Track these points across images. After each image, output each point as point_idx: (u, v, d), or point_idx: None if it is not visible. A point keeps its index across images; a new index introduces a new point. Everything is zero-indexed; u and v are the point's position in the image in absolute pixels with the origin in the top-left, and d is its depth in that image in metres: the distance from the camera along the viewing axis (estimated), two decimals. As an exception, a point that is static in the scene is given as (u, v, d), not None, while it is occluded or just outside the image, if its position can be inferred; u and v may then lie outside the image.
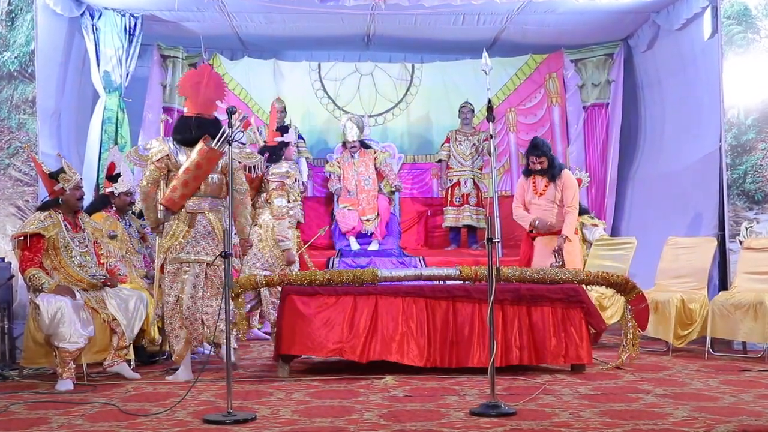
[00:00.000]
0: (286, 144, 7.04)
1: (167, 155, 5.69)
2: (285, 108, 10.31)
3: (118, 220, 6.69)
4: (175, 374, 5.74)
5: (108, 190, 6.77)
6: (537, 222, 7.29)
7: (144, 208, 5.88)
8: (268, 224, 7.24)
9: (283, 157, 7.25)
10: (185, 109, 6.04)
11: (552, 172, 7.30)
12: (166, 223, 5.74)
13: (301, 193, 9.79)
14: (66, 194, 5.79)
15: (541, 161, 7.31)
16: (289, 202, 7.30)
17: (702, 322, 6.72)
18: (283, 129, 7.14)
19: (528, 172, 7.48)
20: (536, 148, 7.36)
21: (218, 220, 5.71)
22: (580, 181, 8.89)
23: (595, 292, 6.99)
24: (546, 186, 7.33)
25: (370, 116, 10.99)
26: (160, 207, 5.78)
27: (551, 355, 5.82)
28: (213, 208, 5.75)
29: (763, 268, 6.81)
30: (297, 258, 7.36)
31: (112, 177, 6.77)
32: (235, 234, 5.78)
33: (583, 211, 8.00)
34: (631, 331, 6.06)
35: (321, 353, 5.87)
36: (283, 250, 7.06)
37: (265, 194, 7.29)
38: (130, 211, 7.03)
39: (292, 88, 10.99)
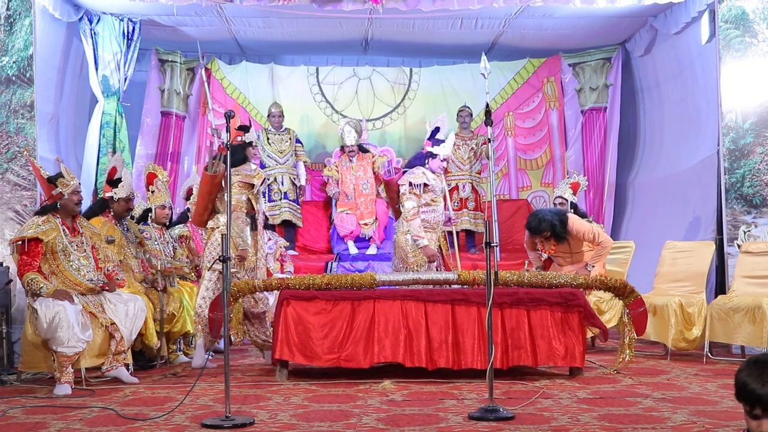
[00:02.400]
0: (249, 143, 6.94)
1: None
2: (282, 112, 10.32)
3: (116, 225, 6.68)
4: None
5: (107, 194, 6.75)
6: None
7: None
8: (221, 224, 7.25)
9: (247, 157, 7.11)
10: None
11: (558, 240, 7.31)
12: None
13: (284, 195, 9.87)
14: (64, 199, 5.79)
15: (546, 236, 7.33)
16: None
17: (701, 326, 6.72)
18: (244, 128, 7.01)
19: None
20: (535, 232, 7.36)
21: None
22: (577, 185, 8.90)
23: (593, 296, 7.00)
24: (554, 246, 7.37)
25: (368, 120, 11.00)
26: None
27: (550, 357, 5.81)
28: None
29: (762, 272, 6.82)
30: (435, 252, 7.17)
31: (113, 182, 6.75)
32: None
33: (581, 215, 8.00)
34: (627, 334, 6.06)
35: (319, 358, 5.85)
36: (421, 247, 6.96)
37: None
38: (128, 216, 7.01)
39: (290, 93, 11.01)
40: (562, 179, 9.90)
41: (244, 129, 7.01)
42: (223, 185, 6.70)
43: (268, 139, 10.15)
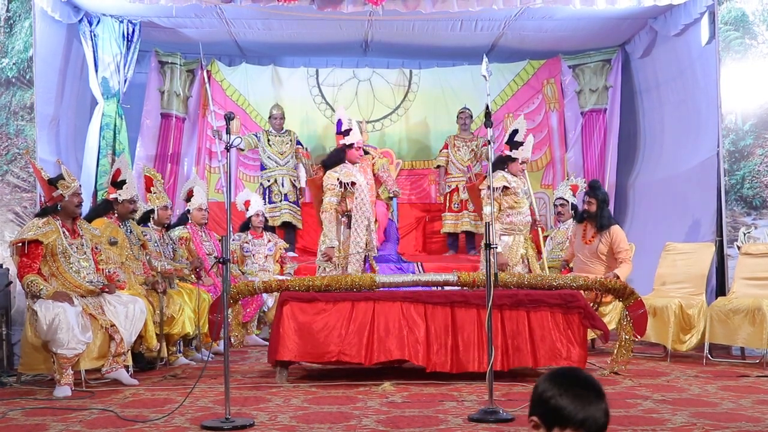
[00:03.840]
0: (350, 145, 7.38)
1: None
2: (283, 114, 10.33)
3: (119, 226, 6.69)
4: None
5: (111, 196, 6.76)
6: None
7: None
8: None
9: (343, 158, 7.56)
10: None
11: (600, 222, 7.28)
12: None
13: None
14: (65, 201, 5.79)
15: (591, 202, 7.35)
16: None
17: (700, 327, 6.72)
18: (345, 132, 7.39)
19: (580, 219, 7.55)
20: (592, 188, 7.46)
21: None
22: (576, 188, 8.91)
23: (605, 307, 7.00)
24: (593, 236, 7.35)
25: (368, 122, 11.00)
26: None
27: (550, 359, 5.81)
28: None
29: (761, 274, 6.82)
30: (506, 261, 7.12)
31: (117, 183, 6.76)
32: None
33: (580, 216, 8.00)
34: (625, 336, 6.06)
35: (320, 359, 5.87)
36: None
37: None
38: (132, 218, 7.01)
39: (290, 94, 11.02)
40: (562, 181, 9.91)
41: (345, 133, 7.30)
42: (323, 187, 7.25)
43: (268, 140, 10.15)
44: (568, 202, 8.84)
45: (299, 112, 11.04)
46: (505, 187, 7.05)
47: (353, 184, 7.23)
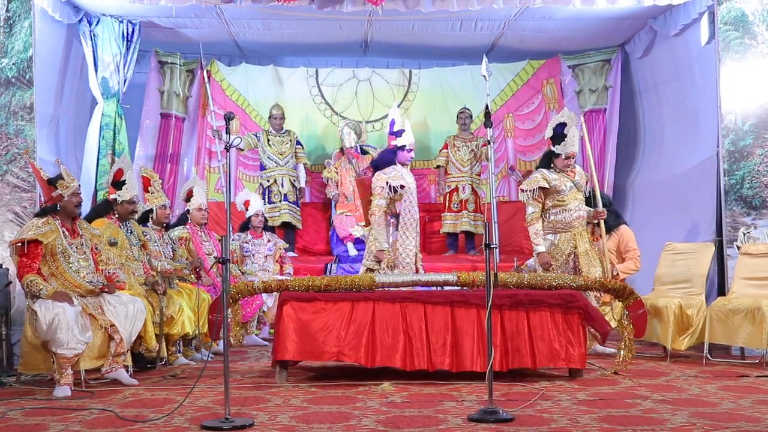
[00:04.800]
0: (402, 147, 7.18)
1: None
2: (283, 114, 10.33)
3: (119, 227, 6.68)
4: None
5: (112, 196, 6.75)
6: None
7: None
8: None
9: (394, 160, 7.35)
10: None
11: (606, 225, 7.19)
12: None
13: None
14: (64, 201, 5.79)
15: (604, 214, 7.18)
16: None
17: (700, 327, 6.72)
18: (398, 132, 7.23)
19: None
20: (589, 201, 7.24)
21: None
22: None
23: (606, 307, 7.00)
24: (600, 236, 7.24)
25: (367, 122, 11.01)
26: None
27: (549, 359, 5.81)
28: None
29: (761, 274, 6.82)
30: (549, 260, 6.84)
31: (117, 183, 6.75)
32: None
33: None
34: (626, 336, 6.06)
35: (319, 358, 5.87)
36: (537, 254, 6.83)
37: None
38: (132, 218, 7.00)
39: (290, 94, 11.02)
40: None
41: (397, 134, 7.14)
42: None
43: (268, 140, 10.16)
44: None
45: (299, 112, 11.06)
46: (542, 188, 6.81)
47: (402, 187, 7.07)
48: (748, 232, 7.54)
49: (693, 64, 8.53)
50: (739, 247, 7.29)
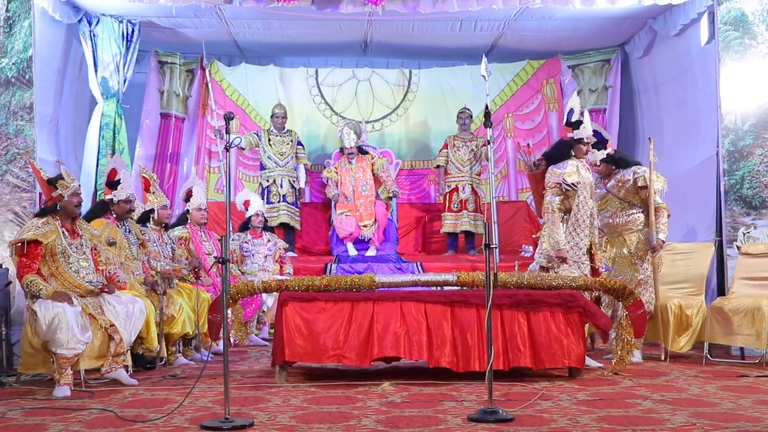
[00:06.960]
0: (579, 140, 6.56)
1: None
2: (285, 114, 10.34)
3: (118, 226, 6.68)
4: None
5: (107, 197, 6.75)
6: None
7: None
8: None
9: (569, 154, 6.70)
10: None
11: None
12: None
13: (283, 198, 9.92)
14: (64, 201, 5.79)
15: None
16: None
17: (699, 327, 6.72)
18: (574, 123, 6.62)
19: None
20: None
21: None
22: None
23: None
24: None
25: (367, 122, 11.01)
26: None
27: (550, 359, 5.81)
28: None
29: (761, 274, 6.82)
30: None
31: (112, 183, 6.75)
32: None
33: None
34: (625, 336, 6.06)
35: (319, 360, 5.86)
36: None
37: None
38: (130, 218, 7.00)
39: (289, 95, 11.03)
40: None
41: (575, 125, 6.63)
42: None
43: (269, 140, 10.16)
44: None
45: (299, 112, 11.06)
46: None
47: (577, 183, 6.54)
48: (748, 232, 7.54)
49: (693, 64, 8.54)
50: (738, 247, 7.29)
